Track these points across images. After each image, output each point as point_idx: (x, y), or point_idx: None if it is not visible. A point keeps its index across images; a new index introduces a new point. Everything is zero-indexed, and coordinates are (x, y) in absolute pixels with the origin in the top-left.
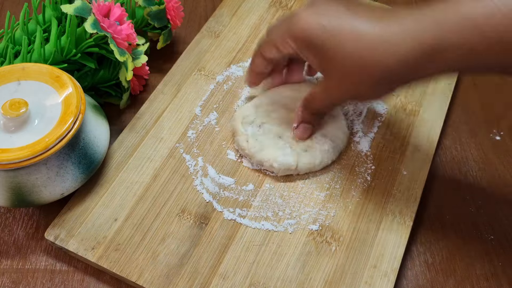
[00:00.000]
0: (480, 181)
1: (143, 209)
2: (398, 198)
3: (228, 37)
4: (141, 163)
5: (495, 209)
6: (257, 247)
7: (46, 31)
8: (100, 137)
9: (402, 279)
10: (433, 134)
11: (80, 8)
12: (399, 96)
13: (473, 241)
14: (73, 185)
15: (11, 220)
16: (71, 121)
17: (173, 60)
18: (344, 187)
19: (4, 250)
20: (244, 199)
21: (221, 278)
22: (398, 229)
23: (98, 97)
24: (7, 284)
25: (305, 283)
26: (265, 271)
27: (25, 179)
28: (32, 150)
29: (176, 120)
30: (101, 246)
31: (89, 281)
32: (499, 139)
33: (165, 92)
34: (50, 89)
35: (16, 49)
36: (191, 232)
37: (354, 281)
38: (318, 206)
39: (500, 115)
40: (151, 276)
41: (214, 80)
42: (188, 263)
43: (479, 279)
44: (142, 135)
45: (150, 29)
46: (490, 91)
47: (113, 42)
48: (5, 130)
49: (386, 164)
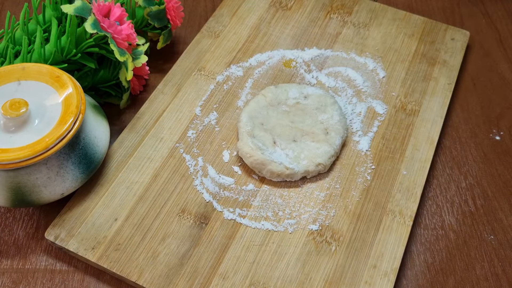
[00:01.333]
0: (480, 181)
1: (143, 209)
2: (398, 198)
3: (228, 37)
4: (141, 163)
5: (495, 209)
6: (257, 247)
7: (46, 31)
8: (100, 137)
9: (402, 279)
10: (433, 134)
11: (80, 8)
12: (399, 96)
13: (473, 241)
14: (73, 185)
15: (11, 220)
16: (71, 121)
17: (173, 60)
18: (344, 187)
19: (4, 250)
20: (244, 199)
21: (221, 278)
22: (398, 229)
23: (98, 97)
24: (7, 284)
25: (305, 283)
26: (265, 271)
27: (25, 179)
28: (32, 150)
29: (176, 120)
30: (101, 246)
31: (89, 281)
32: (499, 139)
33: (165, 92)
34: (50, 89)
35: (16, 49)
36: (191, 232)
37: (354, 281)
38: (318, 206)
39: (500, 115)
40: (151, 276)
41: (214, 80)
42: (188, 263)
43: (479, 279)
44: (142, 135)
45: (150, 29)
46: (490, 91)
47: (113, 42)
48: (5, 130)
49: (386, 164)
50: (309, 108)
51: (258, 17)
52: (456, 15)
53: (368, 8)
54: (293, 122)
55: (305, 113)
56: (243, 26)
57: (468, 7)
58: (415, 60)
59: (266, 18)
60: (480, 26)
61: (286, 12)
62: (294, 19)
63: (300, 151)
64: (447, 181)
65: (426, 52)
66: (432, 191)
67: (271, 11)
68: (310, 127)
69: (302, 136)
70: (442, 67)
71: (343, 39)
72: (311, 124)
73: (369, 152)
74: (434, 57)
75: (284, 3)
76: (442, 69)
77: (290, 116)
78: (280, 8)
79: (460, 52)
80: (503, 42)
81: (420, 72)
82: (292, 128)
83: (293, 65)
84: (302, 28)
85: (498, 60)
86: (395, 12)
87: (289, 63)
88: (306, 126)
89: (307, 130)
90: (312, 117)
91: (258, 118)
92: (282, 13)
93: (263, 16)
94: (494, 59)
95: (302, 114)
